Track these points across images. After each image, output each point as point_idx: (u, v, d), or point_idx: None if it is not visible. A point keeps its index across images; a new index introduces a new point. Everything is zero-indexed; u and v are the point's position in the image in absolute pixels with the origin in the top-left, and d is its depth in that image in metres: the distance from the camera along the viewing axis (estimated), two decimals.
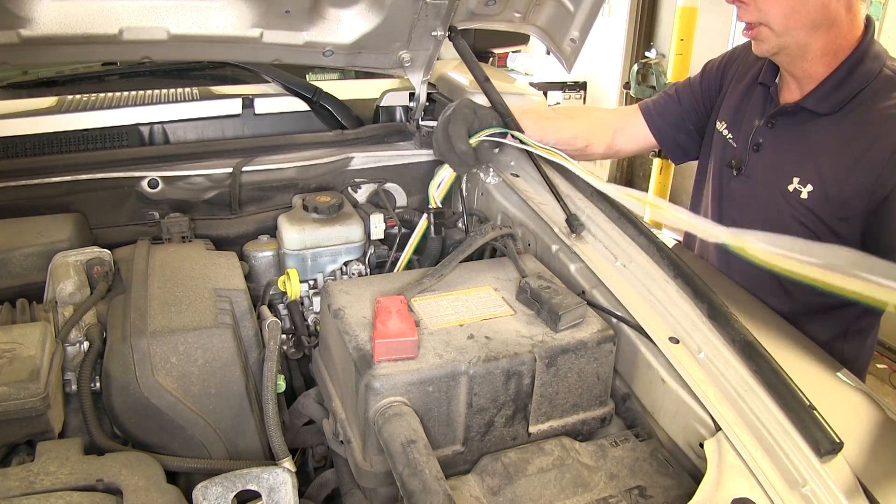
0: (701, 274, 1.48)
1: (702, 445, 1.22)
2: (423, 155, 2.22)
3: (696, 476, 1.22)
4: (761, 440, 1.18)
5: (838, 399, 1.32)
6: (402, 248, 1.95)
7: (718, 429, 1.22)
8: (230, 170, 1.99)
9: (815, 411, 1.17)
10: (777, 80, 1.87)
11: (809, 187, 1.71)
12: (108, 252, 1.63)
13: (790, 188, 1.75)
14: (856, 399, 1.34)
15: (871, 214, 1.65)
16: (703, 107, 2.12)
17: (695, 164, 2.21)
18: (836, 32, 1.67)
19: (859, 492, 1.09)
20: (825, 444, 1.12)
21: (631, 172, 7.88)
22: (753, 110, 1.91)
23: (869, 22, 1.71)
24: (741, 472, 1.14)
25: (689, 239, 2.22)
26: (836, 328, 1.86)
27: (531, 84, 5.83)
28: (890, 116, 1.63)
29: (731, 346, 1.33)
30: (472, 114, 1.78)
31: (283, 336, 1.74)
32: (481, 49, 2.79)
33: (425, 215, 1.87)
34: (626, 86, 5.17)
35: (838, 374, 1.39)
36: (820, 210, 1.71)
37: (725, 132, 1.98)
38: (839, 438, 1.13)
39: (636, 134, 2.21)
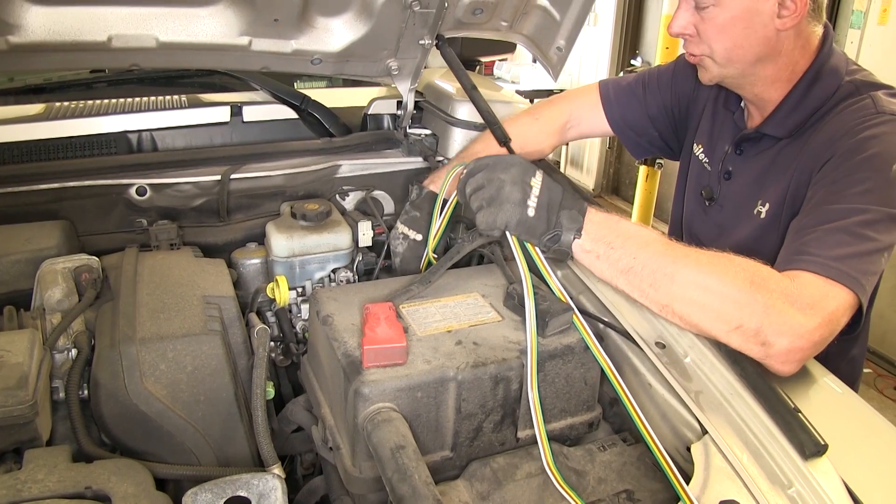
0: None
1: (689, 449, 1.23)
2: (411, 162, 2.23)
3: (684, 479, 1.23)
4: (747, 443, 1.19)
5: (823, 401, 1.33)
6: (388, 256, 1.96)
7: (705, 432, 1.23)
8: (218, 177, 1.99)
9: (799, 414, 1.18)
10: (742, 105, 1.84)
11: (767, 206, 1.70)
12: (97, 259, 1.62)
13: (755, 211, 1.74)
14: (840, 401, 1.35)
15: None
16: (672, 112, 2.04)
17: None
18: (784, 60, 1.64)
19: (844, 493, 1.10)
20: (810, 447, 1.13)
21: (617, 180, 7.92)
22: (723, 135, 1.88)
23: (825, 37, 1.66)
24: (728, 474, 1.15)
25: None
26: None
27: (518, 92, 5.83)
28: (832, 120, 1.61)
29: (717, 350, 1.34)
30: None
31: (272, 343, 1.74)
32: (468, 57, 2.80)
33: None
34: None
35: (825, 378, 1.40)
36: (777, 228, 1.67)
37: (702, 156, 1.94)
38: (824, 440, 1.14)
39: (594, 127, 2.12)
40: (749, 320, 1.28)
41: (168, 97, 2.35)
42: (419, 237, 1.79)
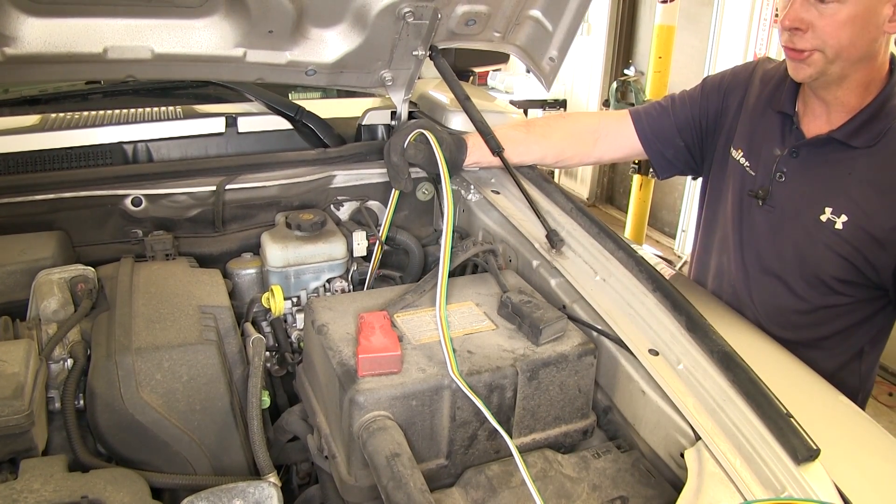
0: (693, 298, 1.49)
1: (682, 455, 1.24)
2: None
3: (678, 485, 1.24)
4: (740, 448, 1.19)
5: (816, 407, 1.34)
6: (381, 265, 1.97)
7: (698, 438, 1.23)
8: (214, 188, 2.00)
9: (792, 419, 1.19)
10: (797, 108, 1.86)
11: (844, 217, 1.72)
12: (92, 269, 1.63)
13: (823, 218, 1.75)
14: (833, 406, 1.36)
15: None
16: (699, 125, 2.09)
17: (676, 181, 2.20)
18: (872, 66, 1.70)
19: (837, 498, 1.11)
20: (802, 451, 1.14)
21: (611, 189, 7.94)
22: (771, 139, 1.90)
23: (893, 58, 1.74)
24: (721, 480, 1.15)
25: (700, 275, 2.19)
26: (846, 354, 1.88)
27: (511, 102, 5.87)
28: None
29: (710, 356, 1.35)
30: (417, 129, 1.82)
31: (267, 353, 1.74)
32: (462, 68, 2.82)
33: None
34: (606, 103, 5.22)
35: (818, 384, 1.41)
36: (856, 240, 1.71)
37: (742, 160, 1.96)
38: (816, 445, 1.15)
39: (623, 141, 2.17)
40: None
41: (163, 108, 2.36)
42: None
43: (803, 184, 1.82)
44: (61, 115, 2.23)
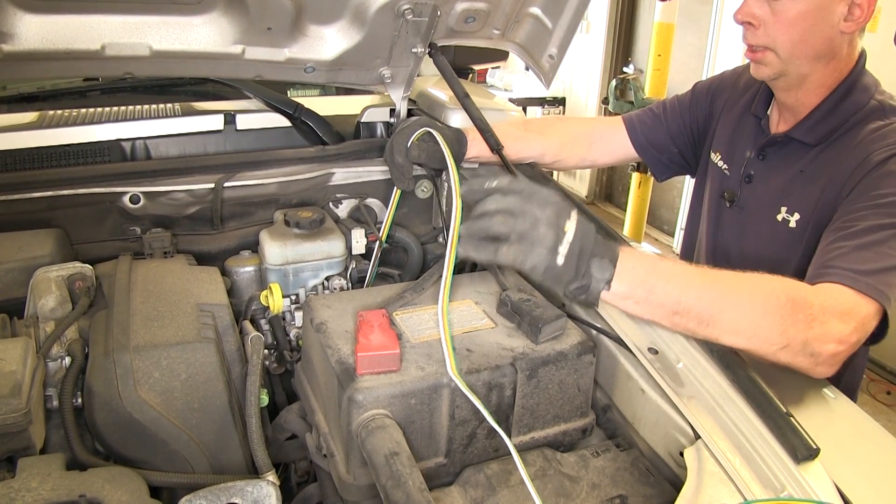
0: None
1: (682, 454, 1.24)
2: None
3: (677, 484, 1.24)
4: (740, 447, 1.19)
5: (815, 406, 1.34)
6: (381, 263, 1.97)
7: (698, 437, 1.23)
8: (212, 185, 1.99)
9: (791, 418, 1.19)
10: (769, 112, 1.87)
11: (797, 216, 1.72)
12: (90, 267, 1.62)
13: (779, 217, 1.76)
14: (832, 406, 1.36)
15: None
16: (691, 131, 2.11)
17: (675, 179, 2.21)
18: (834, 66, 1.68)
19: (836, 497, 1.11)
20: (802, 450, 1.14)
21: (610, 187, 7.94)
22: (745, 141, 1.91)
23: (861, 54, 1.72)
24: (720, 479, 1.15)
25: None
26: None
27: (510, 100, 5.85)
28: (864, 138, 1.64)
29: (709, 355, 1.35)
30: (420, 128, 1.83)
31: (266, 351, 1.74)
32: (461, 65, 2.82)
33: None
34: (605, 101, 5.22)
35: (817, 383, 1.41)
36: (809, 238, 1.71)
37: (720, 163, 1.98)
38: (815, 444, 1.15)
39: (617, 147, 2.19)
40: (795, 337, 1.30)
41: (161, 105, 2.36)
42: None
43: (766, 185, 1.84)
44: (59, 112, 2.22)
